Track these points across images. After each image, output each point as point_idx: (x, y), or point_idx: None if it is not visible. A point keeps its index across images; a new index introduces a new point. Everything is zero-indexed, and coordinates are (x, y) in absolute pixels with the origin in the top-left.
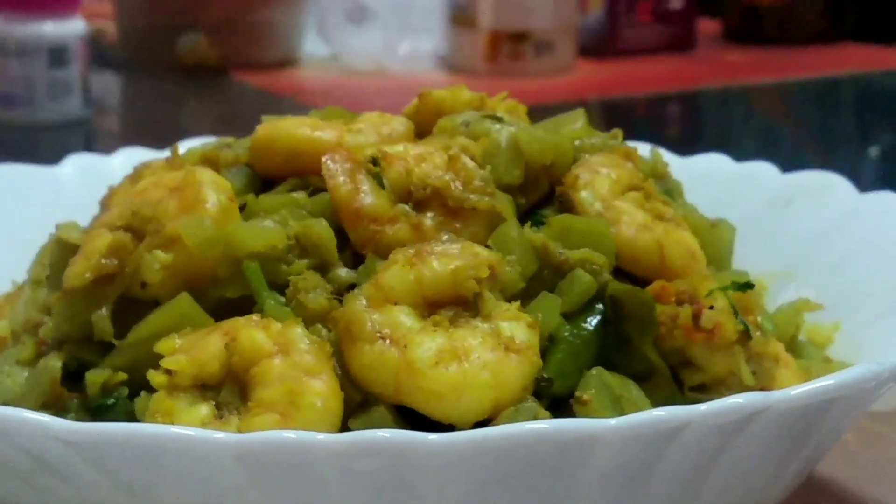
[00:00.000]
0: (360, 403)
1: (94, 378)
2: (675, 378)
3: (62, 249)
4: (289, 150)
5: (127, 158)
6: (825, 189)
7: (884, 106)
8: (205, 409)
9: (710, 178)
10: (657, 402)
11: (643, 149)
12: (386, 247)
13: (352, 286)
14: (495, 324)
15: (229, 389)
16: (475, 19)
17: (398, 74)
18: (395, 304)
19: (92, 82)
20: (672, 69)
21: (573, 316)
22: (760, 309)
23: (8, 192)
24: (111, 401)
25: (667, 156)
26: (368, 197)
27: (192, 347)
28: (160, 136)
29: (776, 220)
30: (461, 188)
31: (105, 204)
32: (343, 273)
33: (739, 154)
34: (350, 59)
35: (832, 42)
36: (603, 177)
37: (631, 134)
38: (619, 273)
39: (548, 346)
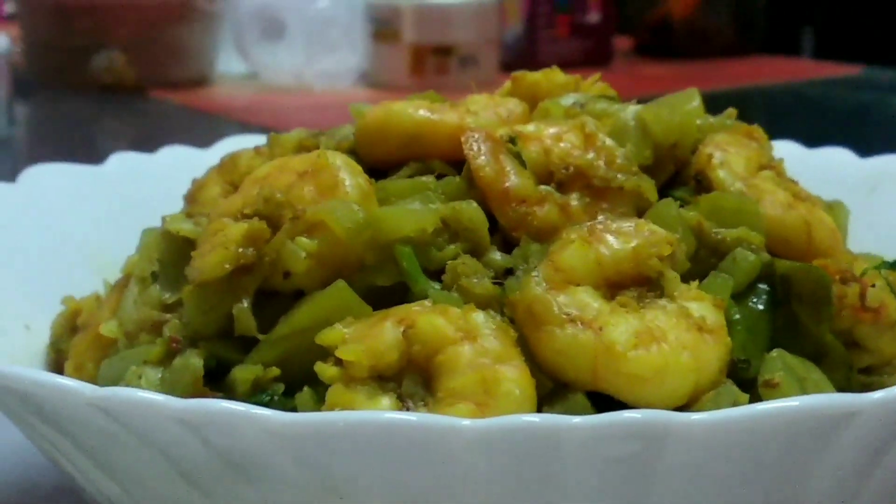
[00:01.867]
0: (550, 392)
1: (244, 375)
2: None
3: (172, 243)
4: (407, 135)
5: (171, 156)
6: None
7: (793, 114)
8: (387, 401)
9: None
10: (835, 385)
11: None
12: (538, 229)
13: (509, 271)
14: (682, 304)
15: (411, 380)
16: (398, 34)
17: (319, 91)
18: (577, 285)
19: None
20: None
21: (740, 297)
22: None
23: (55, 192)
24: (266, 398)
25: None
26: (513, 177)
27: (363, 337)
28: (85, 155)
29: (864, 207)
30: (605, 167)
31: (191, 197)
32: (499, 257)
33: None
34: (269, 76)
35: (742, 55)
36: (735, 155)
37: None
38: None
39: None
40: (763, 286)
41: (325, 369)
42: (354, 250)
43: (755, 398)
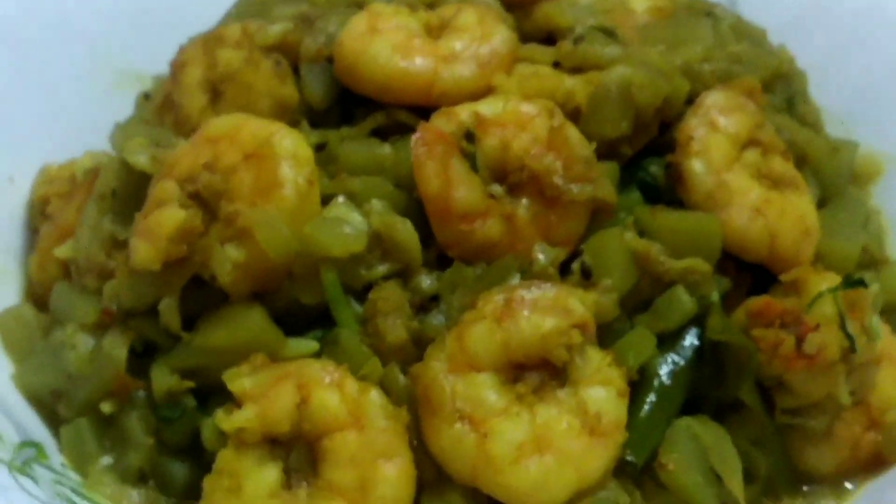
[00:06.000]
0: (435, 479)
1: (161, 383)
2: (767, 397)
3: (128, 174)
4: (376, 83)
5: None
6: None
7: None
8: (273, 473)
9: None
10: (746, 438)
11: None
12: (475, 249)
13: (434, 297)
14: (582, 396)
15: (299, 454)
16: None
17: None
18: (479, 370)
19: None
20: None
21: (668, 339)
22: (871, 304)
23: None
24: (178, 413)
25: None
26: (460, 189)
27: (261, 395)
28: None
29: None
30: (561, 173)
31: (175, 70)
32: (426, 283)
33: None
34: None
35: None
36: (720, 136)
37: None
38: (726, 257)
39: (638, 383)
40: (695, 329)
41: (223, 421)
42: (281, 264)
43: (652, 476)
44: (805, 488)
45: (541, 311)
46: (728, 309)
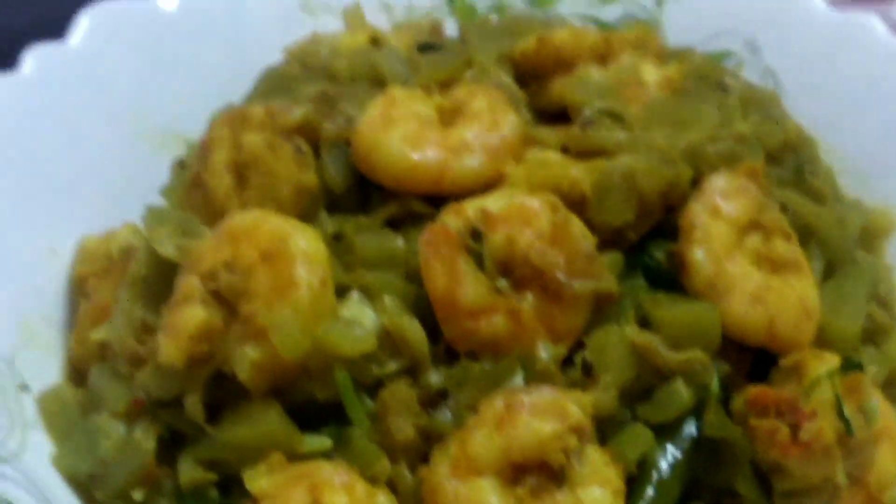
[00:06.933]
0: None
1: (187, 476)
2: (764, 479)
3: (158, 261)
4: (389, 174)
5: None
6: None
7: None
8: None
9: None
10: None
11: None
12: (481, 345)
13: (443, 392)
14: (579, 497)
15: None
16: None
17: None
18: (481, 475)
19: None
20: None
21: (666, 430)
22: (868, 385)
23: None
24: None
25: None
26: (466, 288)
27: (277, 495)
28: None
29: None
30: (564, 269)
31: (202, 151)
32: (434, 379)
33: None
34: None
35: None
36: (721, 223)
37: None
38: (727, 340)
39: (636, 477)
40: (693, 419)
41: None
42: (296, 363)
43: None
44: None
45: (539, 416)
46: (729, 389)
